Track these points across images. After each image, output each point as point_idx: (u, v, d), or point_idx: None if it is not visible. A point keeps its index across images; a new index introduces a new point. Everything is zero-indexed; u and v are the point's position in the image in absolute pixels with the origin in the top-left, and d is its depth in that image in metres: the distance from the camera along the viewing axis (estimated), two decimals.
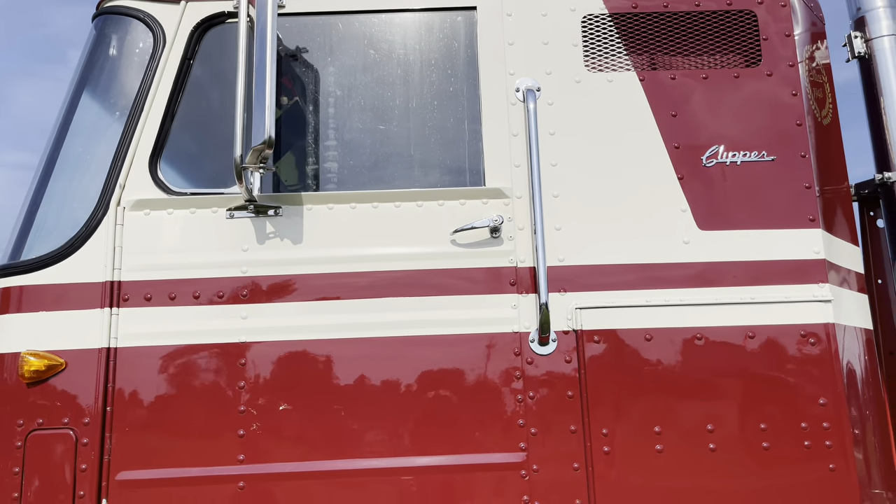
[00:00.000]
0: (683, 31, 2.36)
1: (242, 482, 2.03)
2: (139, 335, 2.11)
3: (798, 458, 2.07)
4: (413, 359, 2.12)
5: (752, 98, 2.30)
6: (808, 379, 2.10)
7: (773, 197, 2.22)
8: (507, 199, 2.22)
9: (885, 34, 2.63)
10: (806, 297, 2.15)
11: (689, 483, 2.06)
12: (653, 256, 2.19)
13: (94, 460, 2.04)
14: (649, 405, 2.10)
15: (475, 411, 2.08)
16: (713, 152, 2.26)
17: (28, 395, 2.08)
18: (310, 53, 2.36)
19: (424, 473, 2.04)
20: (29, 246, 2.29)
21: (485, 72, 2.31)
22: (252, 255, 2.17)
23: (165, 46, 2.31)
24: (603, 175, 2.24)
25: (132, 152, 2.23)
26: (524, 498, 2.04)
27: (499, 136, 2.26)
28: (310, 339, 2.12)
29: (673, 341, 2.13)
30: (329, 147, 2.31)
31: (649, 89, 2.30)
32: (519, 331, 2.14)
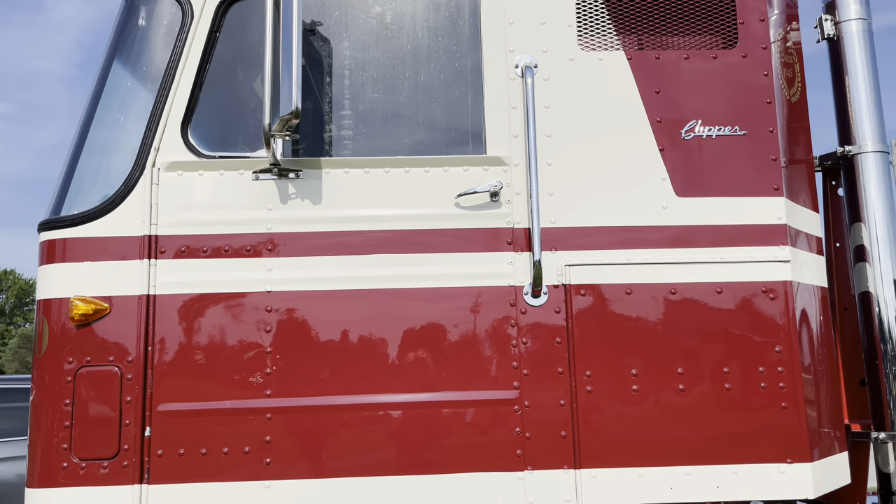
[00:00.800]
0: (668, 14, 2.58)
1: (270, 414, 2.31)
2: (175, 284, 2.36)
3: (755, 398, 2.37)
4: (420, 308, 2.38)
5: (728, 77, 2.54)
6: (767, 329, 2.40)
7: (743, 167, 2.48)
8: (506, 166, 2.46)
9: (852, 18, 2.87)
10: (768, 257, 2.43)
11: (660, 419, 2.36)
12: (634, 220, 2.45)
13: (138, 393, 2.30)
14: (628, 351, 2.38)
15: (475, 354, 2.36)
16: (691, 126, 2.51)
17: (77, 336, 2.33)
18: (326, 28, 2.56)
19: (430, 407, 2.33)
20: (69, 203, 2.51)
21: (487, 49, 2.53)
22: (275, 214, 2.41)
23: (193, 20, 2.50)
24: (592, 145, 2.49)
25: (165, 118, 2.45)
26: (516, 430, 2.33)
27: (499, 108, 2.50)
28: (328, 289, 2.37)
29: (650, 295, 2.41)
30: (344, 116, 2.54)
31: (636, 67, 2.53)
32: (514, 284, 2.41)
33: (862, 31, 2.85)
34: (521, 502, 2.29)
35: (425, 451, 2.31)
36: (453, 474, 2.30)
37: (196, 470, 2.27)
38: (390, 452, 2.30)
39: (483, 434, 2.33)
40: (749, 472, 2.33)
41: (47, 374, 2.34)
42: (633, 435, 2.34)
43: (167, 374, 2.32)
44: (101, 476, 2.26)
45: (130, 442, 2.27)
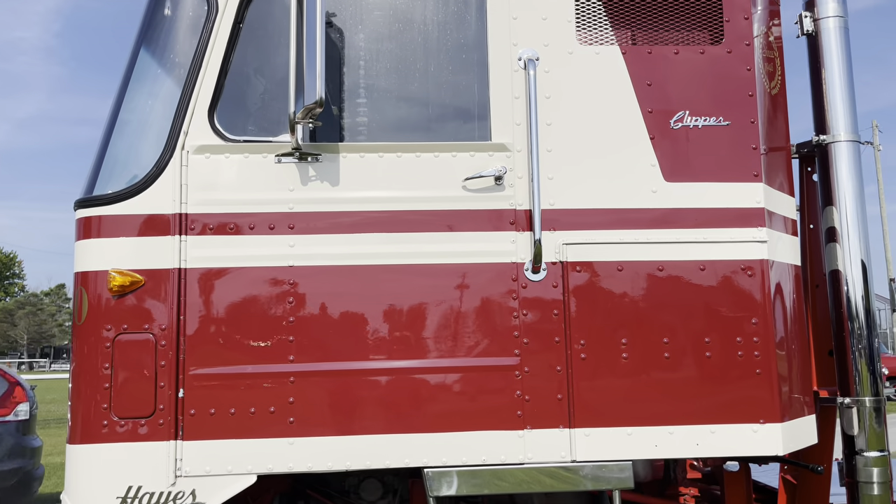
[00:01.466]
0: (660, 11, 2.78)
1: (293, 377, 2.53)
2: (204, 258, 2.56)
3: (732, 365, 2.62)
4: (429, 282, 2.60)
5: (714, 71, 2.75)
6: (744, 303, 2.64)
7: (726, 155, 2.71)
8: (509, 152, 2.67)
9: (830, 15, 3.09)
10: (747, 238, 2.67)
11: (647, 383, 2.61)
12: (626, 202, 2.68)
13: (172, 358, 2.51)
14: (618, 322, 2.62)
15: (480, 324, 2.59)
16: (680, 117, 2.72)
17: (114, 306, 2.53)
18: (343, 21, 2.75)
19: (440, 372, 2.56)
20: (101, 183, 2.70)
21: (493, 42, 2.73)
22: (297, 195, 2.61)
23: (218, 13, 2.67)
24: (588, 133, 2.70)
25: (193, 104, 2.63)
26: (517, 393, 2.57)
27: (503, 98, 2.70)
28: (346, 264, 2.59)
29: (639, 272, 2.64)
30: (360, 104, 2.73)
31: (630, 61, 2.74)
32: (516, 261, 2.63)
33: (839, 28, 3.07)
34: (521, 457, 2.54)
35: (435, 412, 2.54)
36: (460, 432, 2.54)
37: (226, 428, 2.49)
38: (403, 412, 2.53)
39: (487, 397, 2.56)
40: (725, 432, 2.59)
41: (87, 341, 2.54)
42: (623, 398, 2.59)
43: (198, 341, 2.53)
44: (140, 433, 2.48)
45: (165, 402, 2.49)
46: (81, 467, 2.50)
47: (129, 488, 2.44)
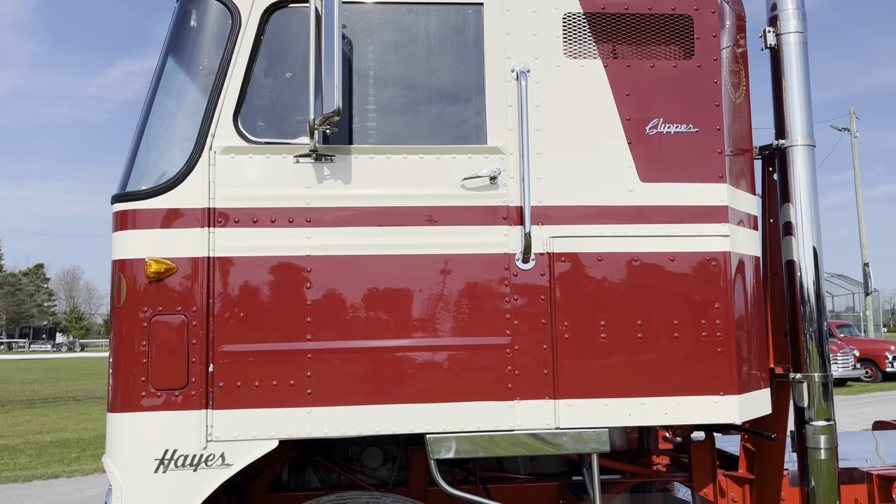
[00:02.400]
0: (639, 28, 3.10)
1: (310, 354, 2.85)
2: (231, 248, 2.87)
3: (697, 344, 2.98)
4: (431, 270, 2.93)
5: (685, 83, 3.08)
6: (709, 290, 3.00)
7: (695, 159, 3.05)
8: (503, 154, 2.99)
9: (791, 31, 3.42)
10: (712, 232, 3.02)
11: (622, 361, 2.96)
12: (606, 200, 3.01)
13: (202, 337, 2.82)
14: (598, 306, 2.97)
15: (476, 308, 2.92)
16: (654, 124, 3.06)
17: (151, 290, 2.83)
18: (355, 36, 3.04)
19: (441, 350, 2.89)
20: (134, 180, 2.99)
21: (488, 55, 3.04)
22: (313, 191, 2.91)
23: (241, 25, 2.95)
24: (573, 138, 3.03)
25: (219, 109, 2.92)
26: (508, 368, 2.91)
27: (498, 106, 3.01)
28: (357, 254, 2.90)
29: (617, 262, 2.98)
30: (370, 110, 3.03)
31: (611, 73, 3.06)
32: (508, 252, 2.96)
33: (799, 43, 3.40)
34: (511, 425, 2.89)
35: (436, 385, 2.88)
36: (458, 403, 2.88)
37: (251, 398, 2.81)
38: (408, 385, 2.87)
39: (482, 371, 2.90)
40: (690, 402, 2.95)
41: (126, 322, 2.85)
42: (601, 373, 2.94)
43: (225, 322, 2.84)
44: (175, 403, 2.79)
45: (197, 376, 2.81)
46: (122, 433, 2.81)
47: (166, 451, 2.76)
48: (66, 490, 9.51)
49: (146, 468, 2.75)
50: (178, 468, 2.75)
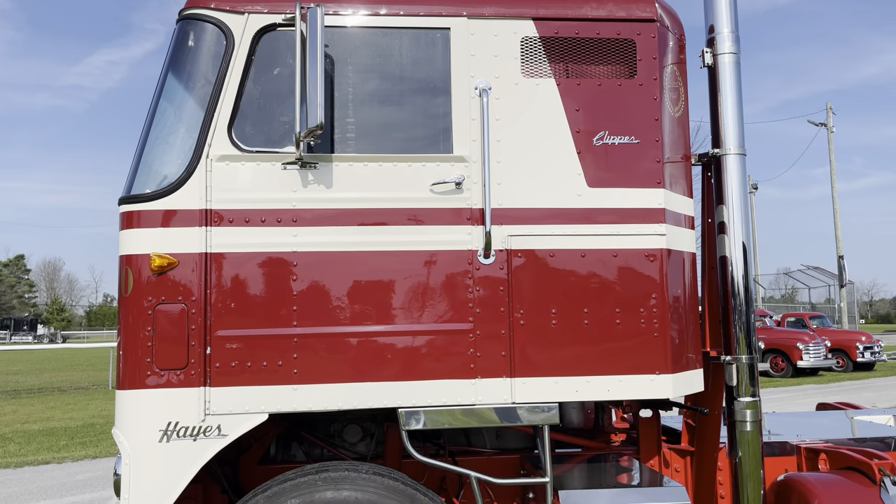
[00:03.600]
0: (588, 51, 3.50)
1: (296, 339, 3.24)
2: (226, 245, 3.24)
3: (637, 330, 3.40)
4: (404, 265, 3.32)
5: (629, 100, 3.49)
6: (647, 283, 3.42)
7: (636, 167, 3.46)
8: (467, 162, 3.39)
9: (726, 52, 3.83)
10: (650, 232, 3.43)
11: (571, 344, 3.37)
12: (558, 203, 3.41)
13: (200, 323, 3.20)
14: (549, 297, 3.37)
15: (443, 298, 3.32)
16: (601, 136, 3.46)
17: (154, 282, 3.20)
18: (337, 55, 3.41)
19: (413, 334, 3.28)
20: (138, 184, 3.35)
21: (454, 74, 3.42)
22: (299, 195, 3.29)
23: (235, 46, 3.32)
24: (529, 148, 3.43)
25: (215, 121, 3.28)
26: (470, 351, 3.32)
27: (463, 119, 3.40)
28: (338, 250, 3.28)
29: (566, 258, 3.39)
30: (349, 122, 3.41)
31: (562, 91, 3.46)
32: (471, 249, 3.36)
33: (732, 63, 3.82)
34: (473, 400, 3.29)
35: (407, 365, 3.28)
36: (426, 381, 3.28)
37: (244, 377, 3.20)
38: (382, 366, 3.26)
39: (447, 353, 3.31)
40: (630, 380, 3.37)
41: (133, 310, 3.21)
42: (552, 355, 3.35)
43: (221, 310, 3.22)
44: (176, 381, 3.17)
45: (196, 357, 3.18)
46: (130, 408, 3.19)
47: (169, 423, 3.14)
48: (57, 475, 9.82)
49: (151, 438, 3.13)
50: (179, 438, 3.14)
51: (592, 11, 3.50)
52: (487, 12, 3.46)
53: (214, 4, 3.37)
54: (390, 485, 3.20)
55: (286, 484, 3.17)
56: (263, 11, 3.35)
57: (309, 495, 3.11)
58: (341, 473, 3.21)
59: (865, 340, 26.21)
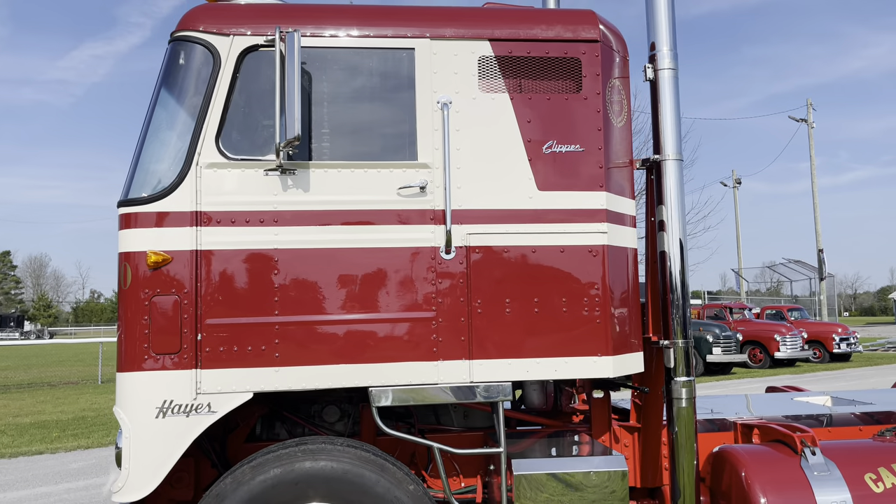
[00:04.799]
0: (538, 69, 3.91)
1: (277, 325, 3.64)
2: (214, 242, 3.63)
3: (581, 317, 3.82)
4: (375, 260, 3.72)
5: (575, 112, 3.91)
6: (590, 275, 3.84)
7: (581, 172, 3.88)
8: (430, 169, 3.79)
9: (666, 67, 4.26)
10: (593, 230, 3.85)
11: (522, 330, 3.78)
12: (511, 205, 3.83)
13: (192, 313, 3.59)
14: (504, 288, 3.79)
15: (409, 289, 3.73)
16: (550, 145, 3.88)
17: (151, 276, 3.59)
18: (313, 72, 3.80)
19: (383, 322, 3.69)
20: (134, 189, 3.73)
21: (419, 89, 3.82)
22: (279, 198, 3.69)
23: (221, 65, 3.71)
24: (485, 156, 3.84)
25: (204, 132, 3.67)
26: (433, 336, 3.73)
27: (426, 130, 3.81)
28: (315, 247, 3.68)
29: (519, 253, 3.81)
30: (324, 133, 3.81)
31: (515, 105, 3.87)
32: (434, 245, 3.77)
33: (672, 78, 4.25)
34: (436, 380, 3.71)
35: (377, 349, 3.69)
36: (395, 363, 3.69)
37: (231, 360, 3.59)
38: (356, 350, 3.67)
39: (413, 338, 3.72)
40: (575, 361, 3.80)
41: (131, 301, 3.60)
42: (506, 339, 3.77)
43: (210, 300, 3.61)
44: (171, 364, 3.56)
45: (188, 343, 3.58)
46: (130, 388, 3.58)
47: (164, 401, 3.54)
48: (51, 464, 10.17)
49: (149, 414, 3.53)
50: (174, 414, 3.53)
51: (542, 33, 3.91)
52: (448, 34, 3.86)
53: (203, 28, 3.76)
54: (362, 455, 3.62)
55: (269, 455, 3.58)
56: (247, 34, 3.74)
57: (290, 465, 3.52)
58: (319, 446, 3.62)
59: (841, 332, 26.89)
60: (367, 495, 3.53)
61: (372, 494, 3.53)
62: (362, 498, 3.53)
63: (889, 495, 3.90)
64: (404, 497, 3.56)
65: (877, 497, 3.89)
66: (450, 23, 3.89)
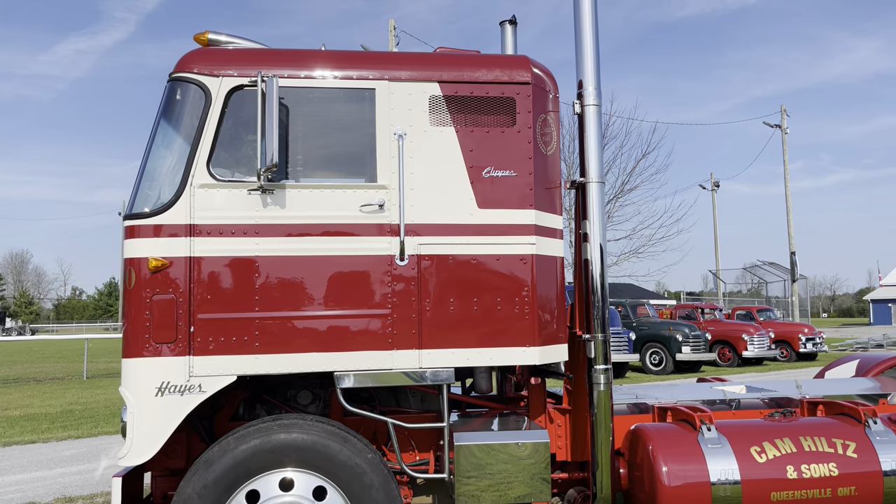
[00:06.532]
0: (479, 106, 4.66)
1: (258, 320, 4.36)
2: (205, 251, 4.35)
3: (513, 314, 4.57)
4: (341, 266, 4.45)
5: (509, 143, 4.66)
6: (521, 279, 4.59)
7: (514, 193, 4.63)
8: (388, 189, 4.53)
9: (591, 104, 5.02)
10: (524, 241, 4.60)
11: (464, 325, 4.52)
12: (456, 220, 4.57)
13: (186, 309, 4.30)
14: (449, 289, 4.53)
15: (369, 290, 4.46)
16: (488, 170, 4.62)
17: (151, 278, 4.30)
18: (290, 107, 4.52)
19: (346, 318, 4.42)
20: (138, 205, 4.44)
21: (378, 122, 4.56)
22: (260, 213, 4.41)
23: (212, 101, 4.42)
24: (434, 179, 4.58)
25: (197, 158, 4.38)
26: (389, 329, 4.46)
27: (385, 157, 4.54)
28: (290, 255, 4.41)
29: (462, 261, 4.55)
30: (299, 159, 4.53)
31: (460, 136, 4.62)
32: (391, 254, 4.50)
33: (595, 113, 5.01)
34: (391, 366, 4.45)
35: (342, 340, 4.41)
36: (356, 351, 4.42)
37: (218, 348, 4.31)
38: (324, 340, 4.39)
39: (372, 331, 4.45)
40: (507, 351, 4.55)
41: (135, 299, 4.31)
42: (449, 333, 4.51)
43: (201, 299, 4.32)
44: (168, 351, 4.27)
45: (182, 334, 4.29)
46: (133, 371, 4.29)
47: (163, 382, 4.25)
48: (45, 452, 10.80)
49: (149, 393, 4.24)
50: (170, 393, 4.25)
51: (483, 76, 4.66)
52: (403, 76, 4.60)
53: (197, 70, 4.47)
54: (328, 429, 4.35)
55: (250, 429, 4.30)
56: (234, 75, 4.46)
57: (267, 436, 4.24)
58: (292, 421, 4.35)
59: (808, 332, 27.94)
60: (332, 462, 4.26)
61: (336, 461, 4.26)
62: (328, 464, 4.26)
63: (769, 464, 4.69)
64: (363, 463, 4.30)
65: (759, 466, 4.68)
66: (405, 67, 4.63)
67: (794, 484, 4.62)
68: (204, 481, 4.14)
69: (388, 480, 4.32)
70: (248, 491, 4.20)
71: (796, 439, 4.77)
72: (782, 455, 4.70)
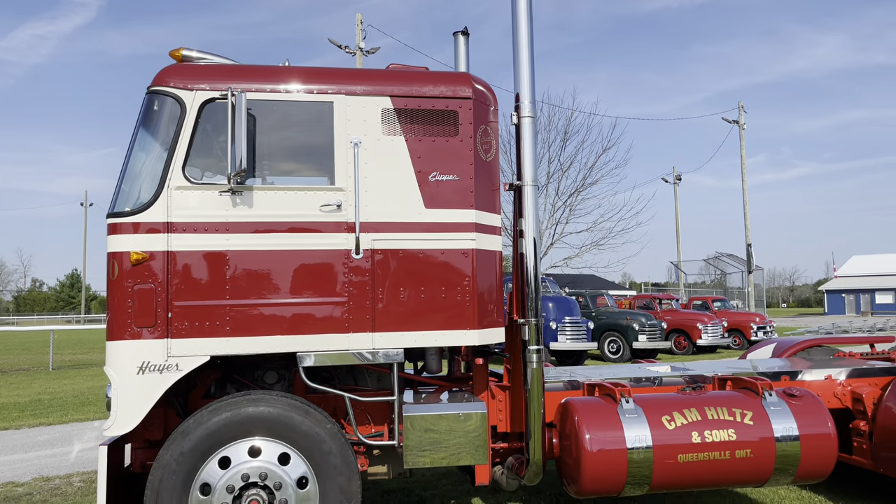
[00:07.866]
0: (426, 118, 5.26)
1: (228, 307, 4.92)
2: (181, 245, 4.89)
3: (456, 301, 5.20)
4: (302, 259, 5.03)
5: (453, 151, 5.27)
6: (462, 270, 5.22)
7: (456, 195, 5.25)
8: (345, 191, 5.12)
9: (526, 115, 5.66)
10: (465, 238, 5.23)
11: (413, 310, 5.13)
12: (405, 219, 5.17)
13: (164, 297, 4.85)
14: (399, 280, 5.13)
15: (328, 280, 5.05)
16: (434, 175, 5.23)
17: (132, 270, 4.83)
18: (258, 116, 5.08)
19: (308, 304, 5.00)
20: (119, 204, 4.96)
21: (336, 131, 5.14)
22: (230, 212, 4.96)
23: (187, 113, 4.96)
24: (386, 182, 5.17)
25: (173, 163, 4.92)
26: (346, 315, 5.06)
27: (342, 162, 5.13)
28: (257, 249, 4.97)
29: (410, 255, 5.15)
30: (265, 164, 5.10)
31: (409, 144, 5.22)
32: (347, 248, 5.09)
33: (530, 124, 5.64)
34: (347, 347, 5.04)
35: (304, 324, 5.00)
36: (316, 334, 5.00)
37: (194, 332, 4.86)
38: (288, 325, 4.97)
39: (331, 317, 5.04)
40: (451, 333, 5.18)
41: (118, 289, 4.84)
42: (399, 318, 5.12)
43: (178, 288, 4.87)
44: (148, 335, 4.82)
45: (161, 319, 4.84)
46: (117, 352, 4.82)
47: (143, 362, 4.79)
48: (19, 437, 11.18)
49: (131, 372, 4.78)
50: (150, 372, 4.79)
51: (429, 91, 5.27)
52: (358, 91, 5.19)
53: (172, 84, 5.00)
54: (292, 403, 4.94)
55: (222, 403, 4.87)
56: (206, 89, 5.00)
57: (237, 409, 4.82)
58: (259, 396, 4.94)
59: (759, 321, 29.17)
60: (295, 431, 4.85)
61: (298, 431, 4.86)
62: (291, 434, 4.85)
63: (677, 431, 5.40)
64: (323, 433, 4.90)
65: (668, 432, 5.39)
66: (360, 82, 5.21)
67: (698, 447, 5.34)
68: (181, 449, 4.70)
69: (345, 448, 4.93)
70: (221, 457, 4.78)
71: (702, 409, 5.49)
72: (689, 423, 5.41)
